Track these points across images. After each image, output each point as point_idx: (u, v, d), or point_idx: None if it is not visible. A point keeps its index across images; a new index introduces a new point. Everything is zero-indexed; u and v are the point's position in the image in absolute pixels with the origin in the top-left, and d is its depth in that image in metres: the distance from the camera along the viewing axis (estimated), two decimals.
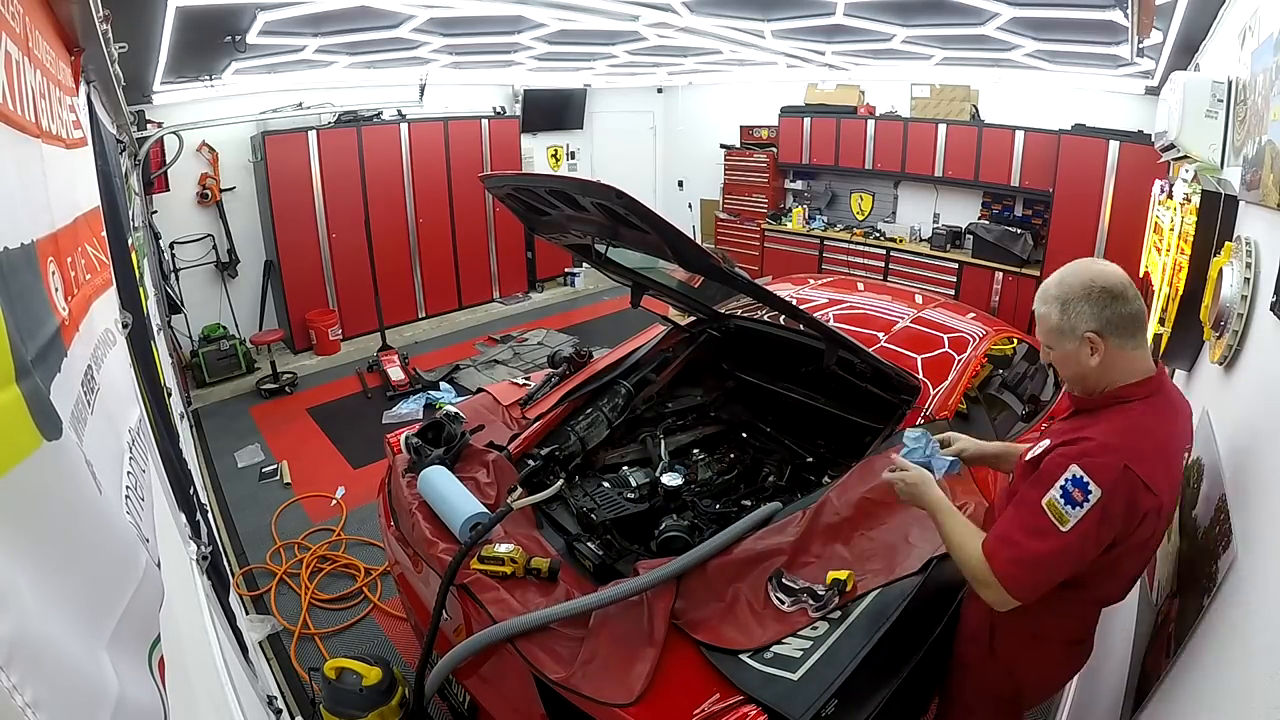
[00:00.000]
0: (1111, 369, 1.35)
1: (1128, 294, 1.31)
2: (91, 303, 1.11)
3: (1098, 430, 1.33)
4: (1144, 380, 1.35)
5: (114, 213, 1.82)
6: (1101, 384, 1.37)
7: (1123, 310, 1.31)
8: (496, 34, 4.64)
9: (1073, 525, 1.26)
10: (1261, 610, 1.03)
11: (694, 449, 2.73)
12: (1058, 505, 1.28)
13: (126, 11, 2.37)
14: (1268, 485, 1.17)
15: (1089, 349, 1.33)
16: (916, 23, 4.18)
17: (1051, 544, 1.28)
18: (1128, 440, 1.29)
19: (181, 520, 1.83)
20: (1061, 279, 1.38)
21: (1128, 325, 1.31)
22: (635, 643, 1.61)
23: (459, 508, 2.03)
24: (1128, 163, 5.19)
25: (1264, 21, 1.73)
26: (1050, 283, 1.40)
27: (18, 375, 0.53)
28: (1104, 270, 1.35)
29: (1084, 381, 1.40)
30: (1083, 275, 1.34)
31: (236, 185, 6.02)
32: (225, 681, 1.43)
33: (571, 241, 2.68)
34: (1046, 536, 1.29)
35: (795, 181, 7.83)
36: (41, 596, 0.52)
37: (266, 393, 5.53)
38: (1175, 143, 2.56)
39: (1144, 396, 1.34)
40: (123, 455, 1.04)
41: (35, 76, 0.96)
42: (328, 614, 3.09)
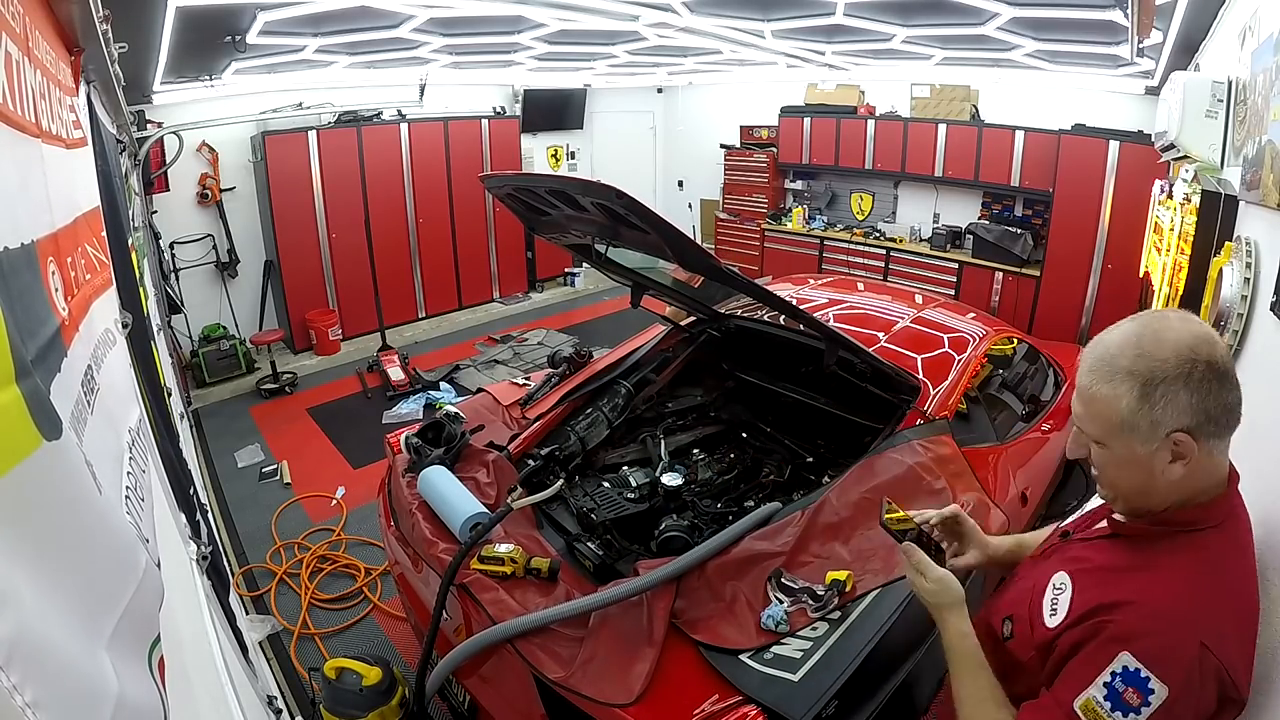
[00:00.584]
0: (1193, 481, 0.92)
1: (1232, 371, 0.90)
2: (91, 303, 1.11)
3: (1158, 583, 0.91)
4: (1220, 497, 0.94)
5: (114, 213, 1.82)
6: (1168, 502, 0.94)
7: (1230, 397, 0.89)
8: (496, 34, 4.64)
9: None
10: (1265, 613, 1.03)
11: (694, 449, 2.73)
12: (1100, 710, 0.86)
13: (126, 11, 2.37)
14: (1267, 486, 1.17)
15: (1169, 454, 0.90)
16: (916, 23, 4.18)
17: None
18: (1204, 601, 0.88)
19: (181, 520, 1.83)
20: (1139, 344, 0.91)
21: (1230, 419, 0.90)
22: (635, 643, 1.61)
23: (459, 508, 2.03)
24: (1128, 163, 5.19)
25: (1264, 21, 1.73)
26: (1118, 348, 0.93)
27: (18, 375, 0.53)
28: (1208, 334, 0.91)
29: (1146, 498, 0.95)
30: (1178, 341, 0.89)
31: (236, 185, 6.02)
32: (225, 681, 1.43)
33: (571, 241, 2.68)
34: None
35: (795, 181, 7.83)
36: (41, 596, 0.52)
37: (266, 393, 5.53)
38: (1175, 143, 2.56)
39: (1219, 522, 0.93)
40: (123, 455, 1.04)
41: (35, 76, 0.96)
42: (328, 614, 3.09)
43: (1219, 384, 0.88)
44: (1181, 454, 0.89)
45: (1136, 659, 0.85)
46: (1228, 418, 0.90)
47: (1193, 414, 0.88)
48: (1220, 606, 0.88)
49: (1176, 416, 0.88)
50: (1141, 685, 0.84)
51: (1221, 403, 0.88)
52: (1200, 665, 0.83)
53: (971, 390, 2.55)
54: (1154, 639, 0.86)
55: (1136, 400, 0.90)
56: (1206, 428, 0.89)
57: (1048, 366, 3.30)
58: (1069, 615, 0.96)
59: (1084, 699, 0.88)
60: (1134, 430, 0.91)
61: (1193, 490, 0.93)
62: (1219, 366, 0.88)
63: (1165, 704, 0.83)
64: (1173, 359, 0.88)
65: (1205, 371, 0.87)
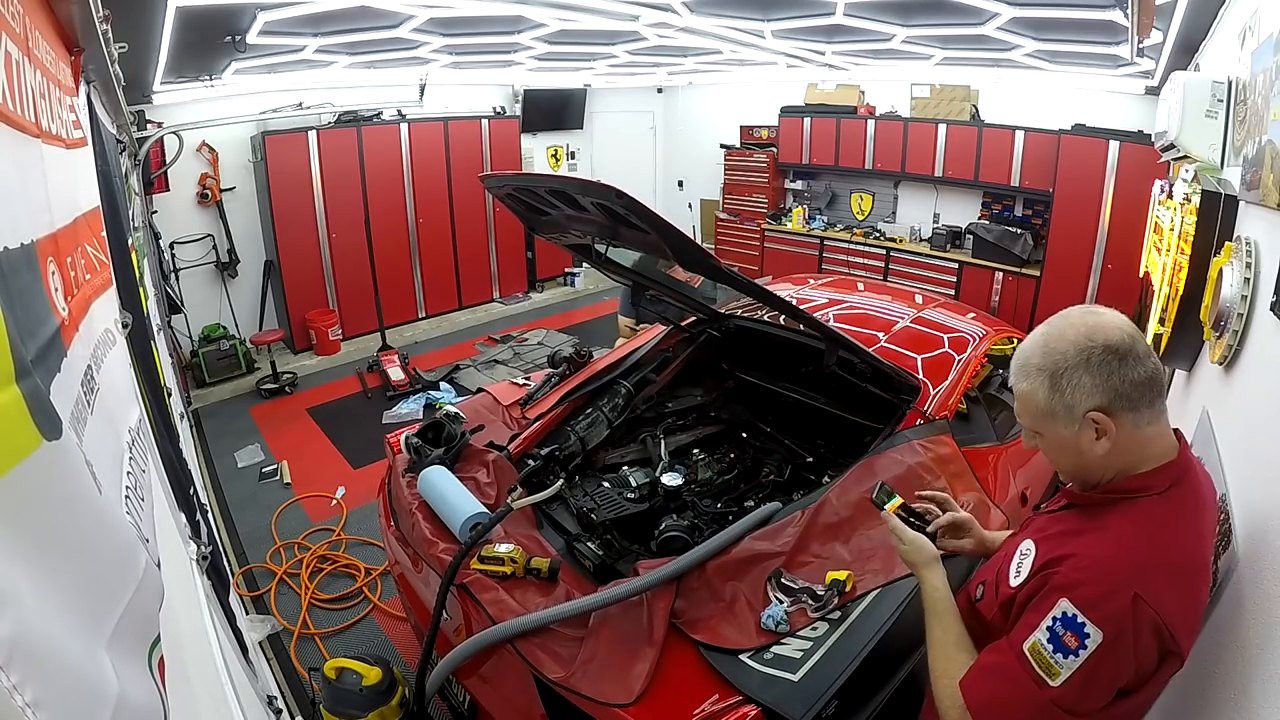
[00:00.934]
0: (1122, 454, 1.02)
1: (1138, 349, 0.99)
2: (91, 303, 1.11)
3: (1098, 542, 1.01)
4: (1164, 466, 1.02)
5: (114, 213, 1.82)
6: (1108, 474, 1.05)
7: (1135, 374, 0.98)
8: (496, 34, 4.64)
9: (1064, 680, 0.94)
10: (1262, 611, 1.03)
11: (694, 449, 2.73)
12: (1044, 652, 0.96)
13: (126, 11, 2.37)
14: (1268, 485, 1.17)
15: (1094, 432, 1.00)
16: (916, 23, 4.18)
17: (1037, 706, 0.97)
18: (1139, 556, 0.96)
19: (181, 520, 1.83)
20: (1046, 342, 1.04)
21: (1144, 393, 0.98)
22: (635, 643, 1.61)
23: (459, 508, 2.03)
24: (1128, 163, 5.19)
25: (1264, 21, 1.73)
26: (1030, 349, 1.07)
27: (18, 375, 0.53)
28: (1103, 322, 1.02)
29: (1086, 474, 1.07)
30: (1075, 332, 1.02)
31: (236, 185, 6.02)
32: (225, 681, 1.43)
33: (571, 241, 2.68)
34: (1030, 696, 0.97)
35: (795, 181, 7.83)
36: (41, 596, 0.52)
37: (266, 393, 5.53)
38: (1175, 143, 2.56)
39: (1163, 488, 1.01)
40: (123, 455, 1.04)
41: (35, 76, 0.96)
42: (328, 614, 3.09)
43: (1119, 363, 0.98)
44: (1103, 430, 1.00)
45: (1074, 605, 0.94)
46: (1139, 392, 0.98)
47: (1100, 393, 0.99)
48: (1155, 563, 0.95)
49: (1086, 398, 0.99)
50: (1078, 630, 0.93)
51: (1127, 379, 0.98)
52: (1134, 615, 0.92)
53: (971, 390, 2.56)
54: (1089, 587, 0.95)
55: (1048, 390, 1.02)
56: (1119, 404, 0.99)
57: None
58: (1031, 563, 1.07)
59: (1031, 642, 0.98)
60: (1054, 416, 1.03)
61: (1128, 462, 1.03)
62: (1117, 348, 0.98)
63: (1101, 647, 0.92)
64: (1071, 349, 1.01)
65: (1103, 354, 0.98)
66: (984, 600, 1.17)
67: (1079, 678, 0.94)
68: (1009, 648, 1.02)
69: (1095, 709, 0.96)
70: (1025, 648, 0.99)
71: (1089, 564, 0.98)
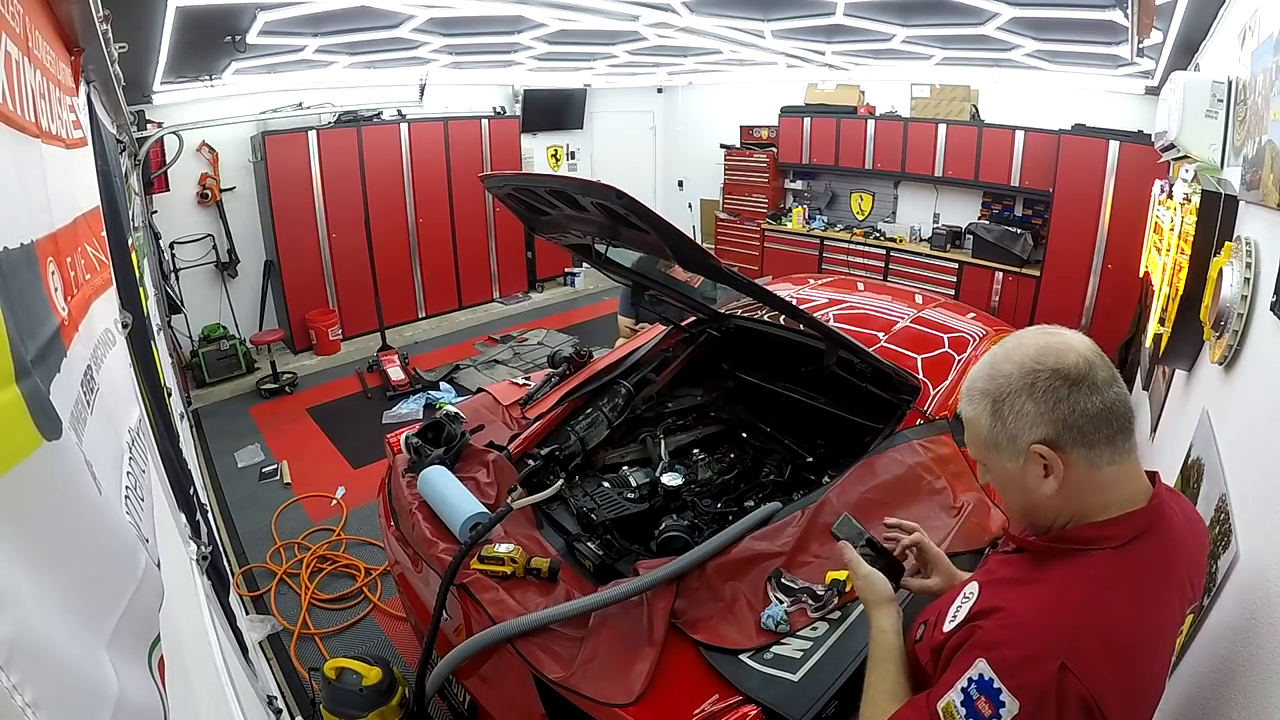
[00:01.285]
0: (1074, 496, 0.89)
1: (1095, 376, 0.86)
2: (91, 303, 1.11)
3: (1033, 596, 0.88)
4: (1126, 515, 0.88)
5: (114, 213, 1.82)
6: (1061, 519, 0.92)
7: (1089, 404, 0.85)
8: (496, 34, 4.64)
9: None
10: (1262, 610, 1.03)
11: (694, 449, 2.73)
12: (956, 715, 0.85)
13: (126, 11, 2.37)
14: (1268, 485, 1.17)
15: (1040, 468, 0.88)
16: (916, 23, 4.18)
17: None
18: (1073, 619, 0.83)
19: (181, 520, 1.83)
20: (993, 364, 0.93)
21: (1099, 426, 0.85)
22: (635, 643, 1.61)
23: (459, 508, 2.03)
24: (1128, 163, 5.19)
25: (1264, 21, 1.73)
26: (977, 371, 0.95)
27: (17, 375, 0.53)
28: (1055, 343, 0.89)
29: (1033, 514, 0.94)
30: (1022, 355, 0.90)
31: (236, 185, 6.02)
32: (225, 681, 1.43)
33: (571, 241, 2.68)
34: None
35: (795, 181, 7.83)
36: (41, 596, 0.52)
37: (266, 393, 5.53)
38: (1175, 143, 2.56)
39: (1121, 542, 0.87)
40: (123, 455, 1.04)
41: (35, 76, 0.96)
42: (328, 614, 3.09)
43: (1070, 390, 0.85)
44: (1050, 467, 0.87)
45: (991, 668, 0.83)
46: (1093, 425, 0.85)
47: (1046, 424, 0.86)
48: (1094, 629, 0.81)
49: (1029, 428, 0.88)
50: (993, 696, 0.82)
51: (1077, 409, 0.85)
52: (1058, 687, 0.78)
53: None
54: (1010, 649, 0.83)
55: (990, 417, 0.91)
56: (1067, 437, 0.86)
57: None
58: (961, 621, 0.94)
59: (945, 702, 0.87)
60: (998, 447, 0.92)
61: (1083, 507, 0.89)
62: (1068, 374, 0.86)
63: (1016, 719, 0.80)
64: (1016, 373, 0.89)
65: (1050, 380, 0.86)
66: (921, 641, 1.05)
67: None
68: (925, 704, 0.91)
69: None
70: (939, 707, 0.88)
71: (1015, 622, 0.86)
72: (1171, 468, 1.86)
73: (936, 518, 1.89)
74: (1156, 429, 2.68)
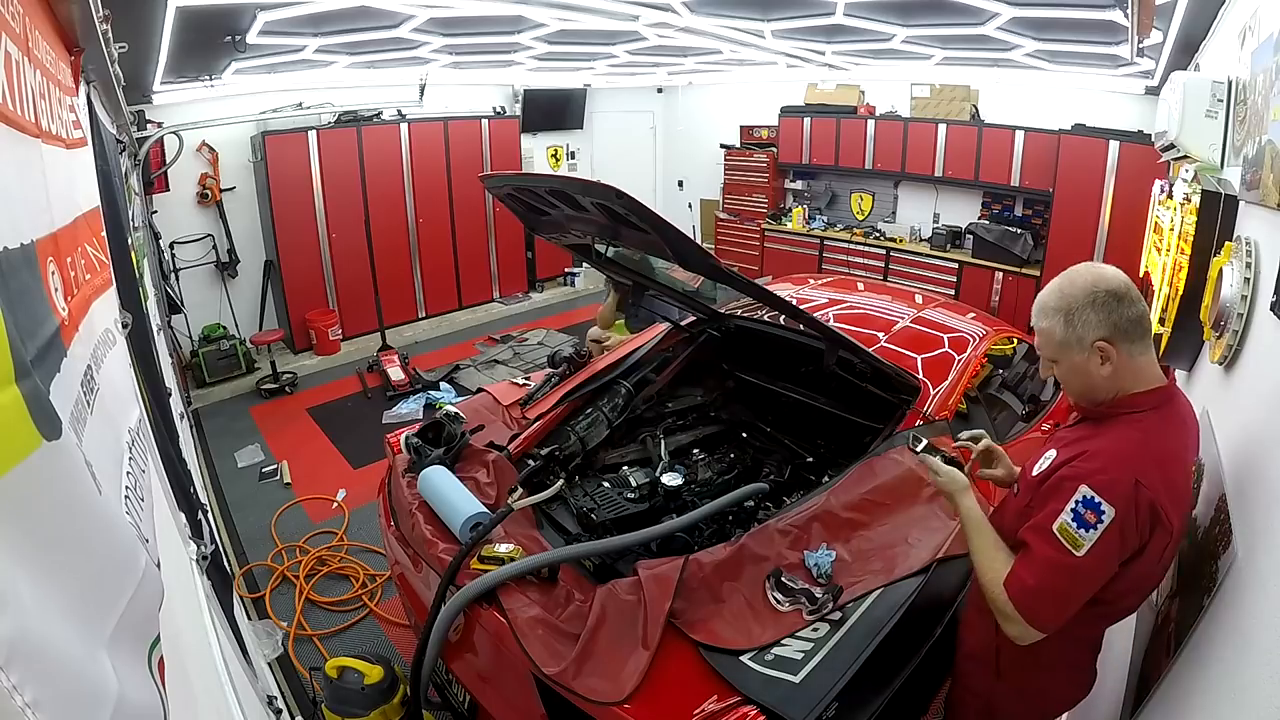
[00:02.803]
0: (1122, 377, 1.29)
1: (1132, 295, 1.27)
2: (91, 303, 1.10)
3: (1106, 443, 1.27)
4: (1154, 390, 1.29)
5: (114, 213, 1.82)
6: (1110, 394, 1.31)
7: (1130, 312, 1.25)
8: (496, 34, 4.64)
9: (1088, 549, 1.20)
10: (1262, 610, 1.03)
11: (694, 449, 2.73)
12: (1070, 530, 1.22)
13: (126, 11, 2.37)
14: (1268, 485, 1.17)
15: (1100, 358, 1.27)
16: (916, 23, 4.18)
17: (1069, 573, 1.22)
18: (1137, 453, 1.22)
19: (181, 520, 1.83)
20: (1060, 289, 1.32)
21: (1136, 328, 1.26)
22: (631, 641, 1.61)
23: (459, 508, 2.03)
24: (1128, 163, 5.19)
25: (1264, 21, 1.73)
26: (1048, 295, 1.34)
27: (17, 375, 0.53)
28: (1104, 273, 1.30)
29: (1093, 393, 1.33)
30: (1083, 281, 1.29)
31: (236, 185, 6.02)
32: (225, 681, 1.43)
33: (571, 241, 2.68)
34: (1063, 565, 1.23)
35: (795, 181, 7.84)
36: (41, 596, 0.52)
37: (266, 393, 5.53)
38: (1175, 143, 2.56)
39: (1154, 406, 1.28)
40: (123, 455, 1.04)
41: (35, 76, 0.96)
42: (328, 614, 3.09)
43: (1118, 303, 1.26)
44: (1106, 356, 1.27)
45: (1091, 489, 1.21)
46: (1133, 327, 1.26)
47: (1105, 327, 1.26)
48: (1148, 458, 1.22)
49: (1094, 330, 1.27)
50: (1096, 508, 1.20)
51: (1125, 316, 1.26)
52: (1136, 494, 1.18)
53: (971, 390, 2.55)
54: (1100, 474, 1.22)
55: (1063, 325, 1.30)
56: (1119, 335, 1.26)
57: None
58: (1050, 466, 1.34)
59: (1059, 523, 1.24)
60: (1069, 346, 1.30)
61: (1126, 384, 1.30)
62: (1116, 293, 1.26)
63: (1114, 521, 1.18)
64: (1081, 294, 1.28)
65: (1106, 297, 1.26)
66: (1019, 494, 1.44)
67: (1098, 547, 1.19)
68: (1043, 529, 1.26)
69: (1108, 574, 1.23)
70: (1055, 528, 1.23)
71: (1101, 457, 1.24)
72: None
73: (935, 519, 1.89)
74: None
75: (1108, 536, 1.19)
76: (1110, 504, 1.18)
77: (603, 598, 1.72)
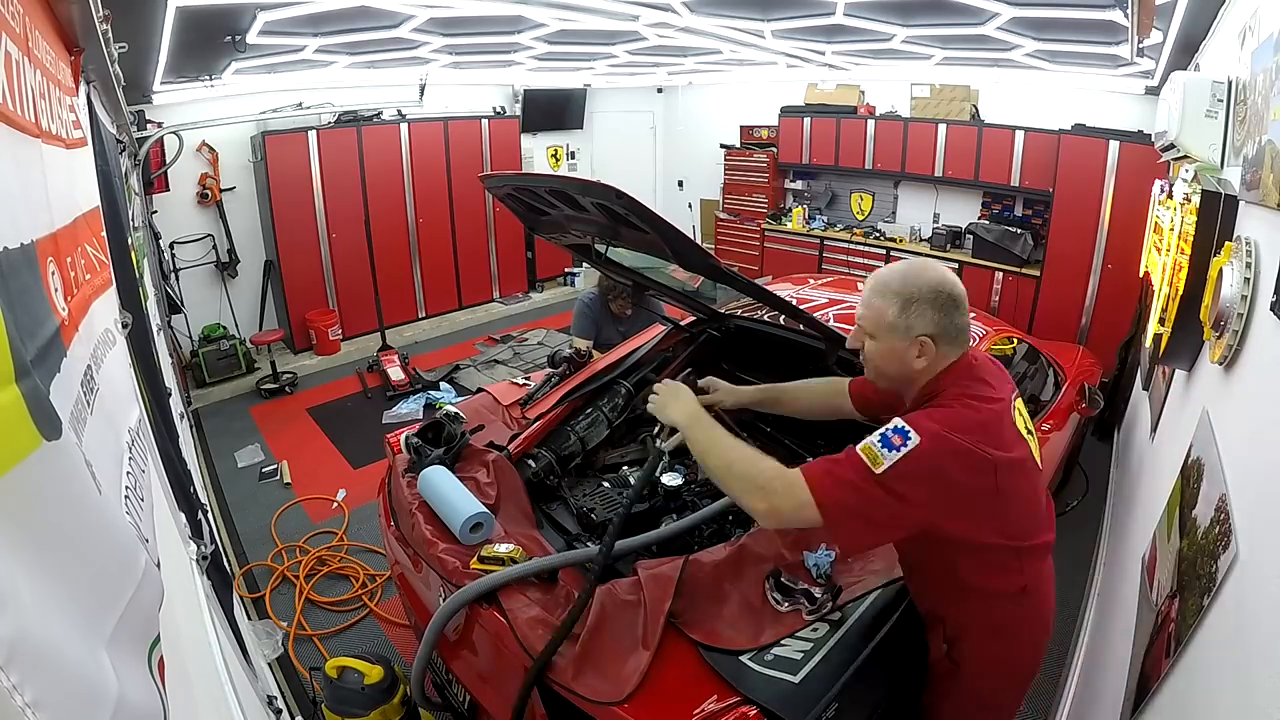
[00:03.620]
0: (929, 372, 1.37)
1: (964, 306, 1.35)
2: (91, 303, 1.10)
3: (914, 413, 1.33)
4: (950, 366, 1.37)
5: (114, 213, 1.82)
6: (916, 385, 1.40)
7: (960, 321, 1.34)
8: (496, 34, 4.64)
9: (887, 467, 1.22)
10: (1261, 610, 1.03)
11: None
12: (874, 449, 1.24)
13: (126, 11, 2.37)
14: (1268, 485, 1.17)
15: (918, 351, 1.34)
16: (916, 23, 4.18)
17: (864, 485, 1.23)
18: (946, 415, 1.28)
19: (181, 520, 1.83)
20: (906, 275, 1.37)
21: (959, 336, 1.35)
22: (631, 641, 1.61)
23: (459, 508, 2.03)
24: (1128, 163, 5.18)
25: (1264, 21, 1.73)
26: (891, 276, 1.38)
27: (17, 375, 0.53)
28: (950, 277, 1.36)
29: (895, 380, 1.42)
30: (932, 276, 1.34)
31: (236, 185, 6.02)
32: (225, 681, 1.43)
33: (571, 241, 2.68)
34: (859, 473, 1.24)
35: (795, 181, 7.83)
36: (41, 596, 0.52)
37: (266, 393, 5.53)
38: (1175, 143, 2.56)
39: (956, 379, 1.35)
40: (123, 455, 1.04)
41: (35, 76, 0.96)
42: (328, 614, 3.09)
43: (955, 309, 1.33)
44: (925, 351, 1.34)
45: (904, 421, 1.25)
46: (957, 334, 1.35)
47: (935, 326, 1.33)
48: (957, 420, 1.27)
49: (925, 325, 1.33)
50: (903, 434, 1.24)
51: (954, 323, 1.34)
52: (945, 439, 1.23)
53: None
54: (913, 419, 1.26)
55: (898, 310, 1.34)
56: (942, 337, 1.34)
57: (1047, 366, 3.30)
58: None
59: (864, 443, 1.26)
60: (895, 330, 1.35)
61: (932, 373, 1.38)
62: (956, 299, 1.34)
63: (916, 449, 1.22)
64: (926, 287, 1.33)
65: (947, 300, 1.33)
66: None
67: (898, 468, 1.22)
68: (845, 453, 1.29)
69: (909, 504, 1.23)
70: (859, 448, 1.27)
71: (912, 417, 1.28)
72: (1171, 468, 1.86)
73: None
74: (1156, 429, 2.68)
75: (908, 461, 1.21)
76: (917, 434, 1.23)
77: (602, 598, 1.72)
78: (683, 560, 1.78)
